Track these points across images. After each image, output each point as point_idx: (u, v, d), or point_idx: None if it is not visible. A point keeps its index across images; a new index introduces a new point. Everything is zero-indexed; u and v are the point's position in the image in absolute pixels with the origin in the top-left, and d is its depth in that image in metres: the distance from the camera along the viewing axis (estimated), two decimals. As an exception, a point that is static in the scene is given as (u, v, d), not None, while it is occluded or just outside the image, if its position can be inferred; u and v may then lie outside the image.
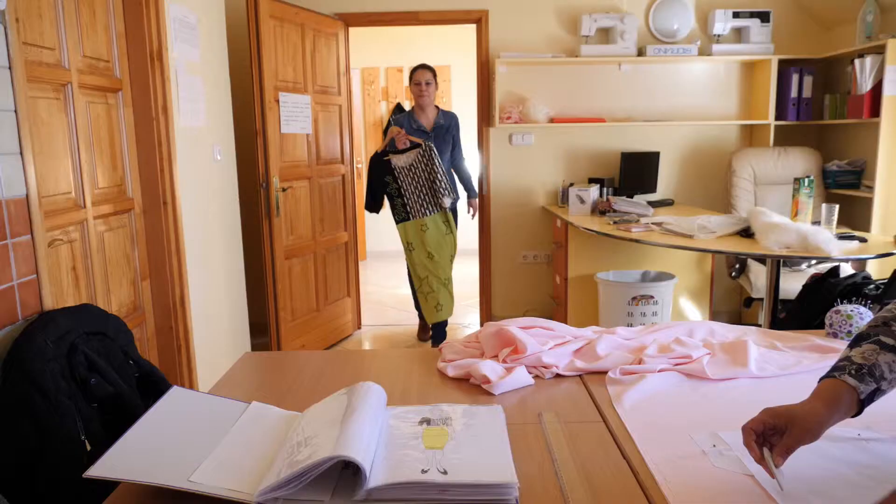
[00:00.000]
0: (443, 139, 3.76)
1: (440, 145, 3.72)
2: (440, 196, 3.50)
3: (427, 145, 3.54)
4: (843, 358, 0.98)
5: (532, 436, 1.09)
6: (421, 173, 3.51)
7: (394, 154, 3.57)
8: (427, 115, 3.77)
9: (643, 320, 3.37)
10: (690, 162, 4.30)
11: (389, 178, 3.57)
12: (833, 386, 0.93)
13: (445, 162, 3.77)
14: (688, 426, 1.11)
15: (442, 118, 3.79)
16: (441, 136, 3.76)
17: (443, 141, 3.76)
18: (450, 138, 3.81)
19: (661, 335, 1.51)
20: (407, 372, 1.40)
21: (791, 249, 2.50)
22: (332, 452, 0.88)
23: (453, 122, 3.82)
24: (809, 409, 0.91)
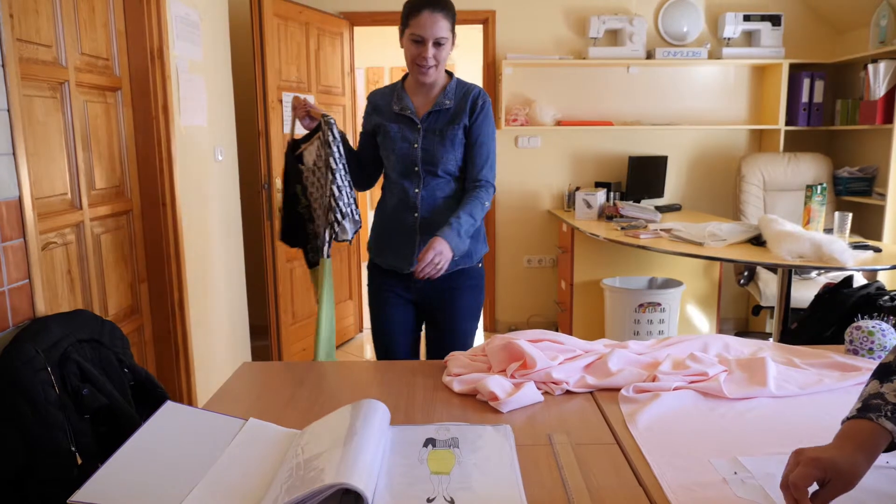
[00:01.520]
0: (439, 133, 1.91)
1: (431, 142, 1.91)
2: (334, 217, 1.92)
3: (325, 121, 1.92)
4: (873, 394, 0.90)
5: (542, 459, 1.04)
6: (323, 177, 1.93)
7: (305, 144, 2.01)
8: (426, 92, 1.95)
9: (650, 328, 3.32)
10: (698, 167, 4.24)
11: (299, 187, 2.04)
12: (871, 431, 0.85)
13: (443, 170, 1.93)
14: (706, 450, 1.06)
15: (451, 96, 1.93)
16: (438, 128, 1.92)
17: (439, 136, 1.91)
18: (456, 131, 1.91)
19: (674, 350, 1.45)
20: (411, 385, 1.35)
21: (804, 259, 2.44)
22: (332, 479, 0.83)
23: (472, 102, 1.93)
24: (853, 463, 0.83)
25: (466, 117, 1.94)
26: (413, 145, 1.93)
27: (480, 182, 1.93)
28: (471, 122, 1.94)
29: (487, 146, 1.96)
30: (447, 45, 1.87)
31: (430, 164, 1.92)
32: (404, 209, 1.95)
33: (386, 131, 1.96)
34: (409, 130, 1.95)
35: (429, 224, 1.91)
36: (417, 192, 1.93)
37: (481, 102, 1.96)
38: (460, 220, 1.83)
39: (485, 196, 1.92)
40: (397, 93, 1.98)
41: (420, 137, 1.93)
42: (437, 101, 1.95)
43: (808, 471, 0.81)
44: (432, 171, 1.93)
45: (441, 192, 1.95)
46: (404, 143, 1.93)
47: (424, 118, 1.94)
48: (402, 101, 1.98)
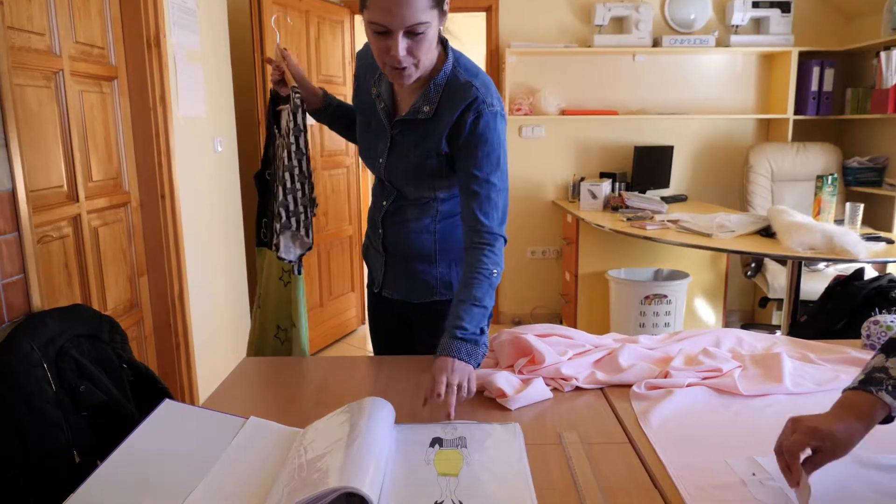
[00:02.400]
0: (404, 156, 1.38)
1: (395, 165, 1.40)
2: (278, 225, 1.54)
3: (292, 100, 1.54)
4: (878, 368, 0.91)
5: (553, 459, 1.00)
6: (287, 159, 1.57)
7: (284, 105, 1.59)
8: None
9: (656, 320, 3.28)
10: (705, 157, 4.18)
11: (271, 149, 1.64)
12: (870, 404, 0.87)
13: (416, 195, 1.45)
14: (723, 449, 1.02)
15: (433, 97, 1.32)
16: (407, 143, 1.38)
17: (403, 159, 1.39)
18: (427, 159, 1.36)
19: (686, 345, 1.42)
20: (416, 381, 1.31)
21: (816, 251, 2.40)
22: (337, 483, 0.79)
23: (459, 116, 1.29)
24: (849, 432, 0.85)
25: (445, 140, 1.31)
26: (378, 158, 1.42)
27: (481, 235, 1.29)
28: (456, 147, 1.31)
29: (487, 185, 1.29)
30: (429, 32, 1.20)
31: (398, 184, 1.43)
32: (373, 221, 1.53)
33: (359, 124, 1.48)
34: (377, 135, 1.41)
35: (396, 250, 1.47)
36: (385, 205, 1.47)
37: (472, 118, 1.28)
38: (469, 319, 1.22)
39: (493, 261, 1.28)
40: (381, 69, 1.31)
41: (386, 152, 1.39)
42: (414, 104, 1.33)
43: (805, 439, 0.83)
44: (403, 190, 1.43)
45: (413, 215, 1.44)
46: (370, 152, 1.44)
47: (397, 125, 1.37)
48: (381, 84, 1.39)
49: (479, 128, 1.28)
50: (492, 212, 1.30)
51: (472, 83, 1.30)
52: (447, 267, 1.47)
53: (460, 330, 1.20)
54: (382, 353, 1.65)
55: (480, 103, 1.28)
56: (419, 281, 1.48)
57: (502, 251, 1.32)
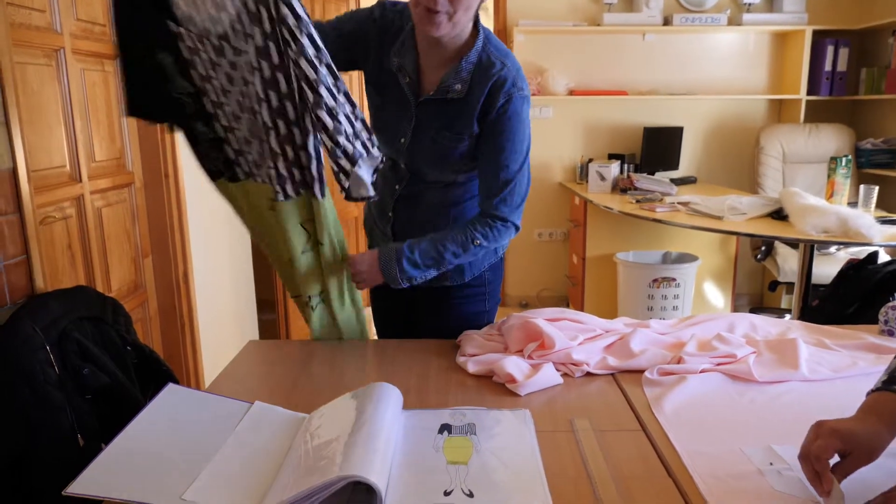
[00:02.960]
0: (432, 138, 1.31)
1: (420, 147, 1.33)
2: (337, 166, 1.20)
3: None
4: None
5: (564, 446, 0.98)
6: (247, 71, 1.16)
7: None
8: (440, 52, 1.27)
9: (664, 303, 3.25)
10: (715, 138, 4.12)
11: (164, 54, 1.23)
12: (895, 404, 0.84)
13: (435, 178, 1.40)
14: (738, 438, 1.00)
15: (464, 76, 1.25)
16: (434, 126, 1.31)
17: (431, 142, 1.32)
18: (457, 144, 1.31)
19: (699, 330, 1.39)
20: (423, 366, 1.29)
21: (829, 234, 2.36)
22: (344, 471, 0.77)
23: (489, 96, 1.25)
24: (873, 434, 0.82)
25: (476, 121, 1.26)
26: (399, 139, 1.33)
27: (494, 218, 1.29)
28: (482, 129, 1.27)
29: (508, 169, 1.27)
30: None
31: (417, 167, 1.36)
32: (381, 205, 1.44)
33: (375, 98, 1.36)
34: (399, 111, 1.30)
35: (407, 235, 1.36)
36: (397, 189, 1.40)
37: (502, 101, 1.23)
38: (421, 248, 1.27)
39: (487, 235, 1.29)
40: (405, 36, 1.27)
41: (410, 131, 1.31)
42: (443, 81, 1.26)
43: (829, 442, 0.80)
44: (421, 174, 1.37)
45: (428, 199, 1.38)
46: (389, 129, 1.34)
47: (422, 105, 1.29)
48: (404, 55, 1.27)
49: (508, 112, 1.25)
50: (509, 197, 1.31)
51: (504, 63, 1.26)
52: None
53: (408, 249, 1.31)
54: (382, 333, 1.63)
55: (511, 86, 1.25)
56: None
57: (507, 236, 1.33)
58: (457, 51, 1.27)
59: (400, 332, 1.57)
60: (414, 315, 1.55)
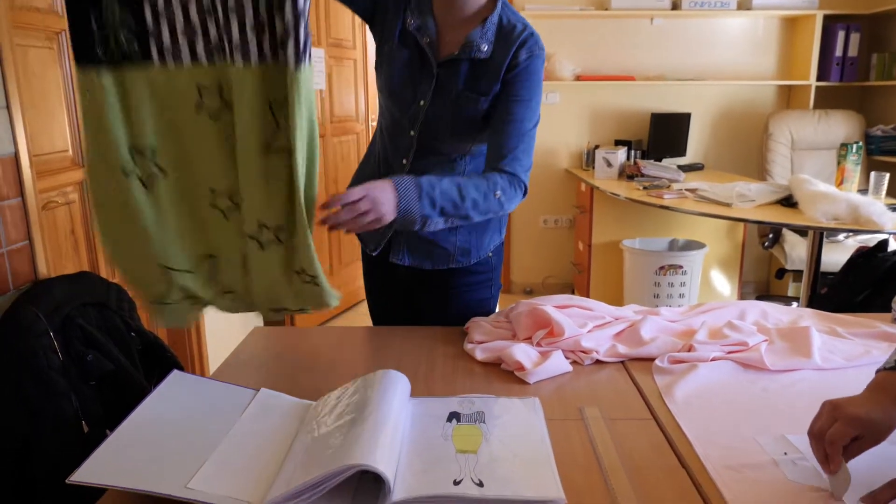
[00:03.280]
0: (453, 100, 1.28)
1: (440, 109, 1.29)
2: None
3: None
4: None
5: (574, 435, 0.96)
6: None
7: None
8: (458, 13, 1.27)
9: (670, 290, 3.23)
10: (723, 124, 4.08)
11: None
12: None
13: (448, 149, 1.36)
14: (751, 427, 0.98)
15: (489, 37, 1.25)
16: (455, 88, 1.28)
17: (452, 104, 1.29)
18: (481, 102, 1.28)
19: (710, 317, 1.37)
20: (430, 353, 1.28)
21: (840, 221, 2.33)
22: (351, 460, 0.76)
23: (513, 52, 1.25)
24: (887, 419, 0.81)
25: (498, 79, 1.26)
26: (418, 101, 1.29)
27: (507, 173, 1.26)
28: (503, 84, 1.26)
29: (521, 126, 1.26)
30: None
31: (431, 135, 1.32)
32: None
33: (388, 58, 1.29)
34: (418, 73, 1.28)
35: None
36: (405, 164, 1.35)
37: (525, 56, 1.25)
38: (442, 186, 1.16)
39: (502, 184, 1.23)
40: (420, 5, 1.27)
41: (430, 93, 1.28)
42: (468, 41, 1.24)
43: (848, 430, 0.79)
44: (432, 144, 1.33)
45: (439, 172, 1.31)
46: (406, 92, 1.29)
47: (443, 65, 1.27)
48: (422, 14, 1.27)
49: (530, 67, 1.26)
50: (523, 157, 1.28)
51: (525, 25, 1.29)
52: (468, 233, 1.41)
53: (427, 184, 1.15)
54: (379, 322, 1.58)
55: (534, 44, 1.27)
56: (436, 248, 1.40)
57: (517, 199, 1.29)
58: (475, 12, 1.27)
59: (399, 323, 1.52)
60: (415, 304, 1.52)
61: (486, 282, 1.48)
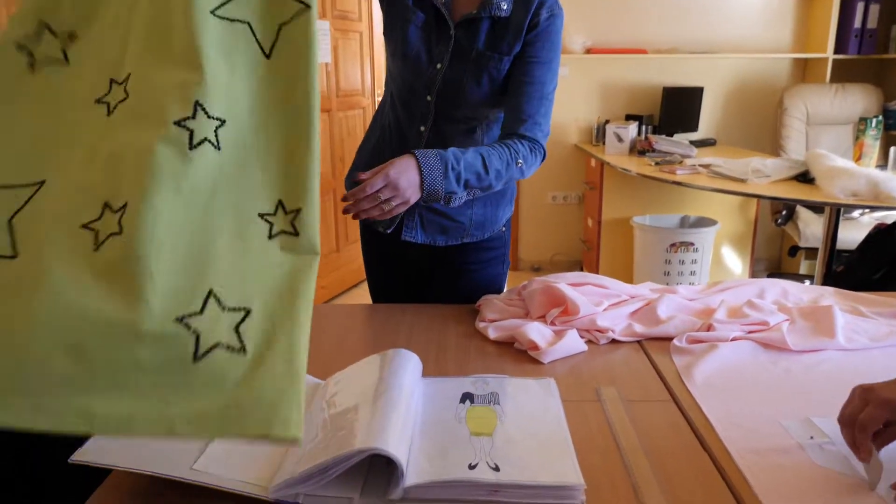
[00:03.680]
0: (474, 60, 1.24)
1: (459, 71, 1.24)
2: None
3: None
4: None
5: (591, 417, 0.93)
6: None
7: None
8: None
9: (681, 268, 3.19)
10: (736, 99, 3.99)
11: None
12: None
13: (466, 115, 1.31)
14: (774, 409, 0.95)
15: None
16: (475, 49, 1.23)
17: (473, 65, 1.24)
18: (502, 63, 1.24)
19: (728, 296, 1.33)
20: (441, 331, 1.24)
21: (859, 198, 2.27)
22: (362, 444, 0.73)
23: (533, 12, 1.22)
24: None
25: (519, 38, 1.22)
26: (435, 64, 1.26)
27: (523, 138, 1.23)
28: (523, 46, 1.23)
29: (542, 89, 1.23)
30: None
31: (449, 100, 1.27)
32: (400, 150, 1.16)
33: (400, 21, 1.24)
34: (434, 35, 1.24)
35: None
36: (422, 131, 1.31)
37: (546, 15, 1.22)
38: (466, 159, 1.13)
39: (522, 150, 1.20)
40: None
41: (448, 55, 1.25)
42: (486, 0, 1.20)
43: (879, 413, 0.76)
44: (449, 111, 1.29)
45: (453, 144, 1.24)
46: (422, 56, 1.25)
47: (461, 24, 1.23)
48: None
49: (550, 27, 1.23)
50: (543, 121, 1.25)
51: None
52: (483, 206, 1.37)
53: (453, 157, 1.11)
54: (380, 301, 1.53)
55: (554, 3, 1.24)
56: (451, 222, 1.36)
57: (536, 164, 1.26)
58: None
59: (403, 301, 1.46)
60: (423, 282, 1.47)
61: (498, 258, 1.44)
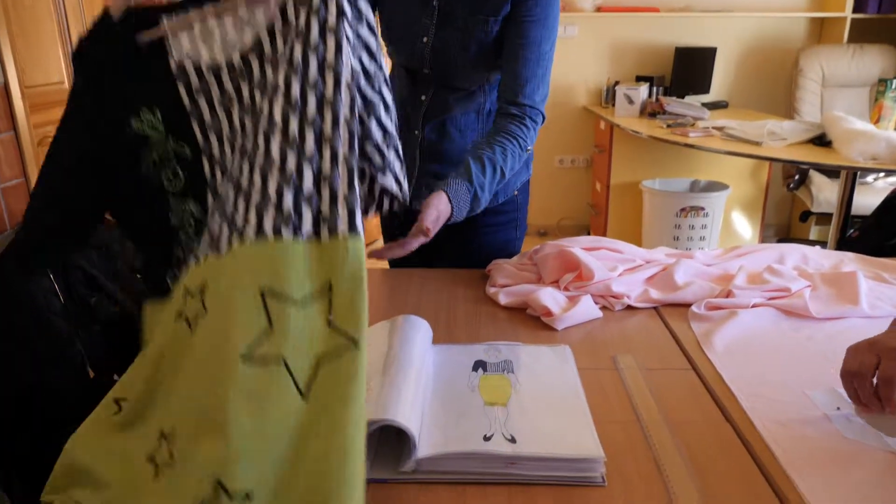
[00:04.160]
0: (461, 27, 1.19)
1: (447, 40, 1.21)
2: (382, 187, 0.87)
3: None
4: None
5: (609, 386, 0.90)
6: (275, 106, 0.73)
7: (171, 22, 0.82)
8: None
9: (691, 233, 3.14)
10: (749, 60, 3.88)
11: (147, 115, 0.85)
12: None
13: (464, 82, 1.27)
14: (798, 379, 0.92)
15: None
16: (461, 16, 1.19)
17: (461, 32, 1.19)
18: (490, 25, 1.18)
19: (747, 261, 1.29)
20: (451, 296, 1.21)
21: (878, 161, 2.21)
22: (372, 415, 0.70)
23: None
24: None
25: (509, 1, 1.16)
26: (421, 38, 1.22)
27: (522, 108, 1.18)
28: (512, 4, 1.16)
29: (538, 49, 1.17)
30: None
31: (443, 70, 1.24)
32: (403, 119, 1.26)
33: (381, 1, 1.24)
34: (416, 6, 1.20)
35: (435, 151, 1.29)
36: (424, 99, 1.29)
37: None
38: (487, 177, 1.12)
39: (526, 135, 1.18)
40: None
41: (433, 27, 1.21)
42: None
43: (871, 359, 0.76)
44: (447, 80, 1.26)
45: (456, 110, 1.27)
46: (408, 31, 1.22)
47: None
48: None
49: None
50: (542, 84, 1.20)
51: None
52: None
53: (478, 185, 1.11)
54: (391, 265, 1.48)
55: None
56: None
57: (537, 130, 1.22)
58: None
59: (415, 265, 1.41)
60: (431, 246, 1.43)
61: (511, 222, 1.40)
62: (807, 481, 0.70)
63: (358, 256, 0.67)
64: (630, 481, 0.71)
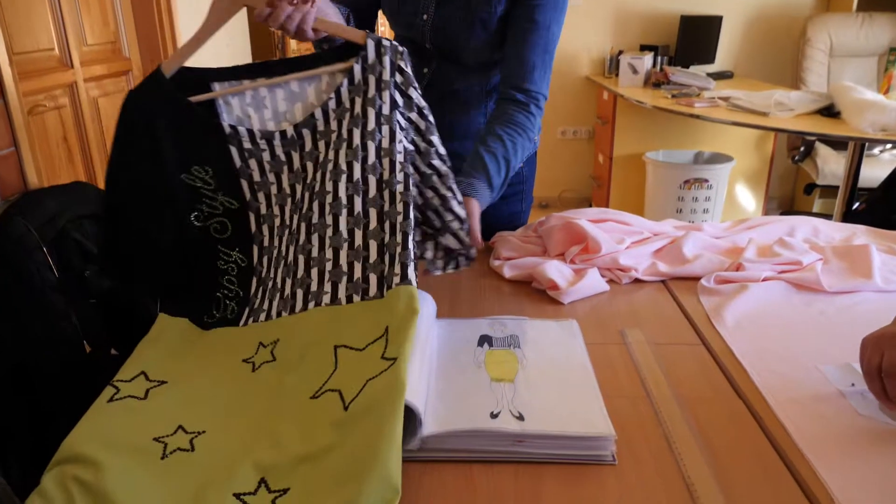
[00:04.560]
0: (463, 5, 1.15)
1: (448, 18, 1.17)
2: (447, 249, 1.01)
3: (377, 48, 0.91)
4: None
5: (618, 361, 0.88)
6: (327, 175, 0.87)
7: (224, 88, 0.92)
8: None
9: (694, 206, 3.11)
10: (755, 29, 3.80)
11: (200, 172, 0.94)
12: None
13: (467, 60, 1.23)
14: (811, 354, 0.89)
15: None
16: None
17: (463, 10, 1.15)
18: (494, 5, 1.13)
19: (757, 234, 1.26)
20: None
21: (888, 132, 2.16)
22: (376, 392, 0.68)
23: None
24: None
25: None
26: (421, 15, 1.19)
27: (528, 94, 1.15)
28: None
29: (547, 32, 1.12)
30: None
31: (446, 47, 1.21)
32: None
33: None
34: None
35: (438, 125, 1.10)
36: (426, 72, 1.25)
37: None
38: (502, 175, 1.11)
39: (534, 125, 1.16)
40: None
41: (433, 4, 1.17)
42: None
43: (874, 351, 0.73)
44: (450, 56, 1.22)
45: (462, 83, 1.25)
46: (407, 8, 1.19)
47: None
48: None
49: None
50: (547, 70, 1.17)
51: None
52: None
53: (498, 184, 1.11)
54: None
55: None
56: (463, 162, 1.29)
57: (540, 118, 1.20)
58: None
59: None
60: None
61: (517, 195, 1.36)
62: (821, 459, 0.69)
63: (411, 296, 0.78)
64: (641, 458, 0.69)
